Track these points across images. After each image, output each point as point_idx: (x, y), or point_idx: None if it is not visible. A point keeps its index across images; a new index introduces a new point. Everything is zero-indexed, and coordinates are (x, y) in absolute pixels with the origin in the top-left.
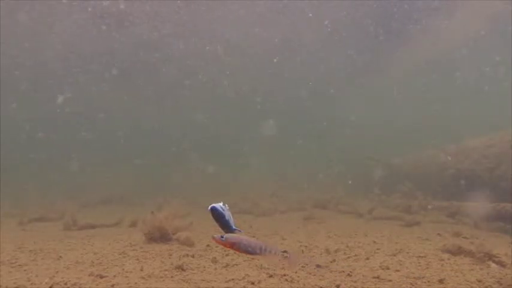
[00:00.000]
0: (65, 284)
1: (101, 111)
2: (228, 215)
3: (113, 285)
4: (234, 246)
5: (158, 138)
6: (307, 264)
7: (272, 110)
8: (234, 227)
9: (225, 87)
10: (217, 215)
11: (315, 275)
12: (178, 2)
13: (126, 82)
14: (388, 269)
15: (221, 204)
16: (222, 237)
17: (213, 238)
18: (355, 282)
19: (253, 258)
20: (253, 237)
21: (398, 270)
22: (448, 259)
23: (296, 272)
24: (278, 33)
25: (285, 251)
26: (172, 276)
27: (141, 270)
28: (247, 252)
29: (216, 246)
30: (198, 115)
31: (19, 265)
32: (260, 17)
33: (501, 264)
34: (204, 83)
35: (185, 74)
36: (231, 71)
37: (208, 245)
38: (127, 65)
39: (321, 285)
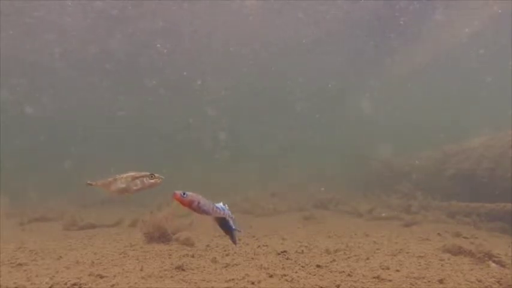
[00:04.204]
0: (65, 284)
1: (100, 112)
2: (227, 214)
3: (112, 285)
4: (192, 204)
5: (158, 138)
6: (307, 265)
7: (272, 110)
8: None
9: (226, 88)
10: None
11: (315, 275)
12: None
13: (124, 81)
14: (388, 269)
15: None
16: (184, 193)
17: (175, 194)
18: (355, 282)
19: (253, 258)
20: (253, 237)
21: (398, 270)
22: (448, 259)
23: (296, 272)
24: (278, 33)
25: (284, 251)
26: (172, 276)
27: (141, 270)
28: (203, 211)
29: (216, 246)
30: (198, 115)
31: (19, 265)
32: (260, 16)
33: (501, 264)
34: (204, 82)
35: (184, 74)
36: (232, 71)
37: (208, 245)
38: (128, 65)
39: (321, 285)
